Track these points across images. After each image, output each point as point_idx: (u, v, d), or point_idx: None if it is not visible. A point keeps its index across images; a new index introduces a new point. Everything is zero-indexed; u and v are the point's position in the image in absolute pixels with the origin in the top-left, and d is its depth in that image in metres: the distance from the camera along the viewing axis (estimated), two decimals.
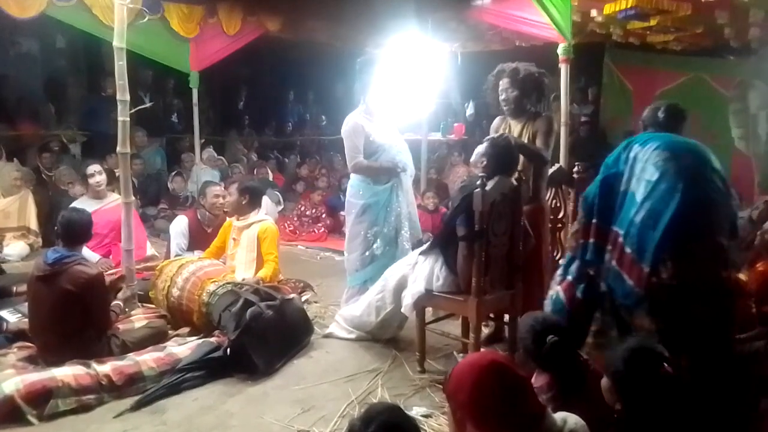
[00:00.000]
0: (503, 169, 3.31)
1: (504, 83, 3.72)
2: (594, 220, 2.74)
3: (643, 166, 2.62)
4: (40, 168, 6.95)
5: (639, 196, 2.59)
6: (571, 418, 1.87)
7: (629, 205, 2.63)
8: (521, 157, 3.59)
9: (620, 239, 2.62)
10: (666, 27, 5.72)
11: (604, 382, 2.07)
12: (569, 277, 2.82)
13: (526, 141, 3.66)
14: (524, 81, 3.66)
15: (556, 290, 2.87)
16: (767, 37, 5.55)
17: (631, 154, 2.68)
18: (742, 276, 3.05)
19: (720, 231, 2.54)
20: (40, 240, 6.10)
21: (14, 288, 4.12)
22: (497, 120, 3.91)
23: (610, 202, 2.70)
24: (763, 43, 5.84)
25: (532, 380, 2.31)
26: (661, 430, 1.98)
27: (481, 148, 3.43)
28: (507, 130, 3.78)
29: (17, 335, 3.56)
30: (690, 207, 2.48)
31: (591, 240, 2.74)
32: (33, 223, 6.14)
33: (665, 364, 1.97)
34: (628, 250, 2.58)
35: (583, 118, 7.89)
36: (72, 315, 3.22)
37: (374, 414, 1.72)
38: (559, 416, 1.86)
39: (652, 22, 5.39)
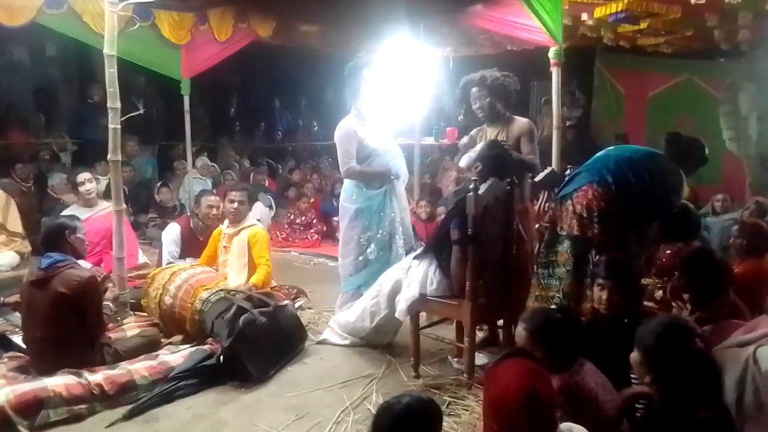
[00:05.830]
0: (497, 173, 3.31)
1: (474, 92, 3.84)
2: None
3: None
4: (19, 178, 6.56)
5: None
6: (576, 429, 1.90)
7: None
8: None
9: None
10: (656, 30, 5.74)
11: (635, 355, 2.11)
12: None
13: None
14: (492, 86, 3.79)
15: None
16: (756, 39, 5.58)
17: None
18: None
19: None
20: (29, 247, 5.97)
21: (1, 298, 4.08)
22: (474, 130, 3.97)
23: None
24: (753, 45, 5.86)
25: None
26: (692, 402, 2.01)
27: (473, 153, 3.43)
28: (484, 138, 3.84)
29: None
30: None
31: None
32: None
33: (696, 339, 2.04)
34: None
35: (568, 123, 7.88)
36: (66, 319, 3.19)
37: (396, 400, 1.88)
38: (564, 427, 1.88)
39: (643, 25, 5.41)
